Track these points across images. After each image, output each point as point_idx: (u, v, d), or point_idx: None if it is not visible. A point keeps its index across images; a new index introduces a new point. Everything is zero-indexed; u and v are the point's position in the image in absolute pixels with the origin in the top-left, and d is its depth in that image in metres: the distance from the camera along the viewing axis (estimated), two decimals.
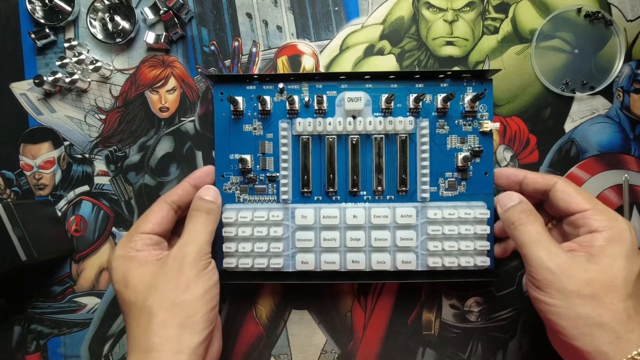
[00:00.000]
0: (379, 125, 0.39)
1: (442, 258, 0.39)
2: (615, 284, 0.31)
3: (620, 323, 0.30)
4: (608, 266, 0.31)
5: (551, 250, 0.33)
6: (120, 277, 0.34)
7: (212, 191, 0.39)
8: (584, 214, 0.34)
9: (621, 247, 0.32)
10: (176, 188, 0.39)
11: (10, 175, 0.45)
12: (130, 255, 0.35)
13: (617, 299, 0.31)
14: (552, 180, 0.36)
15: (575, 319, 0.31)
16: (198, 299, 0.33)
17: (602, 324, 0.30)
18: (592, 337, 0.30)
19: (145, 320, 0.32)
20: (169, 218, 0.38)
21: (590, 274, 0.31)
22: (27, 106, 0.45)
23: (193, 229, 0.36)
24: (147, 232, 0.36)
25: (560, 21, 0.43)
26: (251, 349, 0.43)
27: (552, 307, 0.32)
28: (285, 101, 0.40)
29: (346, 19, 0.44)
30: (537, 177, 0.37)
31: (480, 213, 0.39)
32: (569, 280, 0.31)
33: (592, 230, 0.33)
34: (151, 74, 0.44)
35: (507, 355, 0.43)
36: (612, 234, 0.33)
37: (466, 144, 0.41)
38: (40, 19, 0.44)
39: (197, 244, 0.35)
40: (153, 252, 0.36)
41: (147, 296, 0.33)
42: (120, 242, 0.36)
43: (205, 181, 0.40)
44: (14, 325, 0.44)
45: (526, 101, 0.43)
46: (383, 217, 0.39)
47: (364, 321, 0.43)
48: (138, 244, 0.35)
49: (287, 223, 0.40)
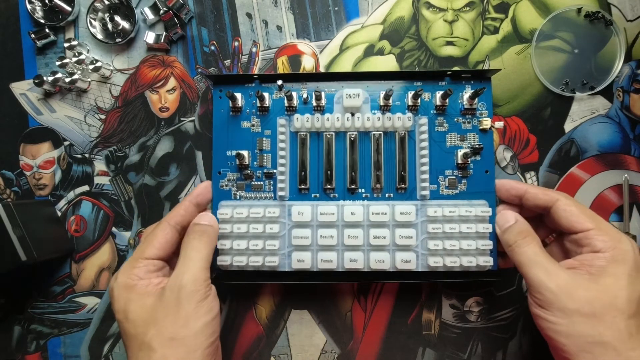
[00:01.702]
0: (378, 121, 0.39)
1: (444, 258, 0.39)
2: (617, 302, 0.31)
3: (622, 342, 0.30)
4: (610, 285, 0.31)
5: (550, 270, 0.33)
6: (121, 308, 0.34)
7: (208, 216, 0.38)
8: (586, 233, 0.34)
9: (624, 267, 0.32)
10: (178, 208, 0.38)
11: (10, 175, 0.45)
12: (131, 284, 0.34)
13: (618, 317, 0.31)
14: (554, 198, 0.36)
15: (576, 337, 0.31)
16: (198, 334, 0.33)
17: (603, 342, 0.30)
18: (593, 355, 0.30)
19: (144, 355, 0.32)
20: (173, 241, 0.37)
21: (591, 293, 0.31)
22: (27, 106, 0.45)
23: (186, 256, 0.35)
24: (151, 257, 0.36)
25: (560, 21, 0.43)
26: (251, 349, 0.43)
27: (553, 325, 0.32)
28: (284, 98, 0.40)
29: (346, 19, 0.44)
30: (539, 193, 0.37)
31: (481, 211, 0.39)
32: (569, 299, 0.31)
33: (595, 251, 0.33)
34: (151, 74, 0.44)
35: (507, 355, 0.43)
36: (615, 254, 0.32)
37: (466, 142, 0.40)
38: (40, 19, 0.44)
39: (191, 272, 0.34)
40: (154, 281, 0.35)
41: (146, 331, 0.32)
42: (124, 267, 0.35)
43: (206, 197, 0.40)
44: (14, 325, 0.44)
45: (526, 101, 0.43)
46: (382, 215, 0.39)
47: (364, 321, 0.43)
48: (141, 270, 0.35)
49: (284, 220, 0.40)
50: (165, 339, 0.32)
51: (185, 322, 0.32)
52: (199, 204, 0.39)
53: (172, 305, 0.33)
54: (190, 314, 0.33)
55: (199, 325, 0.33)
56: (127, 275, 0.35)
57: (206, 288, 0.34)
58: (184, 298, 0.33)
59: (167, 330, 0.32)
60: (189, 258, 0.35)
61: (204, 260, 0.35)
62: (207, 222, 0.38)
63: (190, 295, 0.33)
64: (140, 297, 0.34)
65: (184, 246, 0.36)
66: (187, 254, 0.35)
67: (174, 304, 0.33)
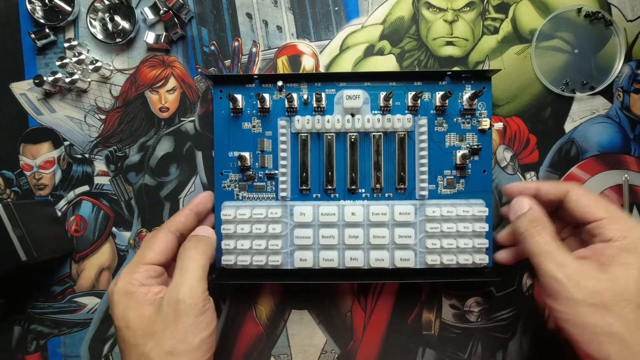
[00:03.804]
0: (378, 123, 0.40)
1: (441, 256, 0.39)
2: (627, 293, 0.30)
3: (631, 333, 0.30)
4: (620, 275, 0.31)
5: (559, 260, 0.32)
6: (120, 315, 0.34)
7: (206, 229, 0.39)
8: (599, 223, 0.33)
9: (635, 257, 0.31)
10: (178, 215, 0.39)
11: (10, 175, 0.45)
12: (131, 290, 0.34)
13: (628, 308, 0.30)
14: (565, 189, 0.35)
15: (584, 327, 0.31)
16: (195, 349, 0.33)
17: (611, 333, 0.30)
18: (601, 345, 0.30)
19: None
20: (173, 247, 0.37)
21: (600, 284, 0.31)
22: (27, 106, 0.45)
23: (182, 266, 0.35)
24: (151, 262, 0.36)
25: (560, 21, 0.43)
26: (251, 349, 0.43)
27: (562, 315, 0.32)
28: (284, 99, 0.40)
29: (346, 19, 0.44)
30: (550, 188, 0.36)
31: (478, 211, 0.39)
32: (576, 290, 0.31)
33: (607, 240, 0.33)
34: (151, 74, 0.44)
35: (507, 355, 0.43)
36: (627, 243, 0.32)
37: (465, 142, 0.41)
38: (40, 19, 0.44)
39: (188, 283, 0.34)
40: (153, 290, 0.35)
41: (146, 342, 0.33)
42: (124, 272, 0.35)
43: (207, 206, 0.40)
44: (14, 325, 0.44)
45: (526, 101, 0.43)
46: (381, 215, 0.39)
47: (364, 321, 0.43)
48: (142, 275, 0.35)
49: (286, 220, 0.40)
50: (163, 353, 0.32)
51: (183, 336, 0.33)
52: (199, 212, 0.40)
53: (171, 318, 0.33)
54: (188, 328, 0.33)
55: (197, 341, 0.33)
56: (127, 281, 0.35)
57: (204, 301, 0.34)
58: (183, 312, 0.33)
59: (166, 344, 0.32)
60: (185, 269, 0.35)
61: (200, 270, 0.35)
62: (205, 233, 0.38)
63: (188, 309, 0.33)
64: (139, 306, 0.34)
65: (180, 257, 0.36)
66: (183, 265, 0.35)
67: (173, 317, 0.33)
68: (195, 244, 0.37)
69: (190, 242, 0.37)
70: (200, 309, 0.33)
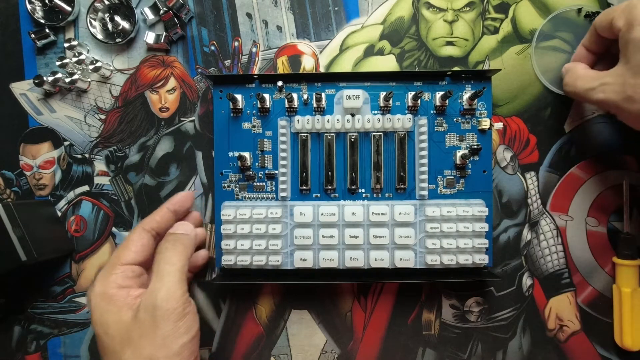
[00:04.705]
0: (378, 123, 0.40)
1: (441, 256, 0.39)
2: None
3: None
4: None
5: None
6: (99, 320, 0.33)
7: (184, 225, 0.37)
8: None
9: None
10: (154, 214, 0.38)
11: (10, 175, 0.45)
12: (110, 293, 0.33)
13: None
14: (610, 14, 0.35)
15: None
16: (175, 355, 0.32)
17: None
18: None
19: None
20: (149, 246, 0.36)
21: None
22: (27, 106, 0.45)
23: (158, 271, 0.34)
24: (128, 262, 0.35)
25: (560, 21, 0.43)
26: (251, 349, 0.43)
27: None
28: (284, 99, 0.40)
29: (346, 19, 0.44)
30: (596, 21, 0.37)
31: (478, 211, 0.39)
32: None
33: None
34: (151, 74, 0.44)
35: (507, 355, 0.43)
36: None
37: (465, 142, 0.41)
38: (40, 19, 0.44)
39: (165, 288, 0.32)
40: (133, 292, 0.34)
41: (125, 349, 0.32)
42: (101, 274, 0.34)
43: (185, 206, 0.40)
44: (14, 325, 0.44)
45: (526, 101, 0.43)
46: (381, 215, 0.39)
47: (364, 321, 0.43)
48: (119, 277, 0.34)
49: (286, 220, 0.40)
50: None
51: (162, 342, 0.31)
52: (177, 211, 0.39)
53: (148, 325, 0.32)
54: (167, 334, 0.32)
55: (176, 347, 0.32)
56: (104, 284, 0.34)
57: (184, 305, 0.33)
58: (160, 318, 0.32)
59: (145, 350, 0.31)
60: (162, 273, 0.33)
61: (178, 273, 0.34)
62: (183, 230, 0.37)
63: (166, 315, 0.32)
64: (118, 310, 0.33)
65: (156, 259, 0.35)
66: (160, 268, 0.34)
67: (150, 324, 0.32)
68: (173, 244, 0.35)
69: (167, 243, 0.36)
70: (180, 313, 0.32)
